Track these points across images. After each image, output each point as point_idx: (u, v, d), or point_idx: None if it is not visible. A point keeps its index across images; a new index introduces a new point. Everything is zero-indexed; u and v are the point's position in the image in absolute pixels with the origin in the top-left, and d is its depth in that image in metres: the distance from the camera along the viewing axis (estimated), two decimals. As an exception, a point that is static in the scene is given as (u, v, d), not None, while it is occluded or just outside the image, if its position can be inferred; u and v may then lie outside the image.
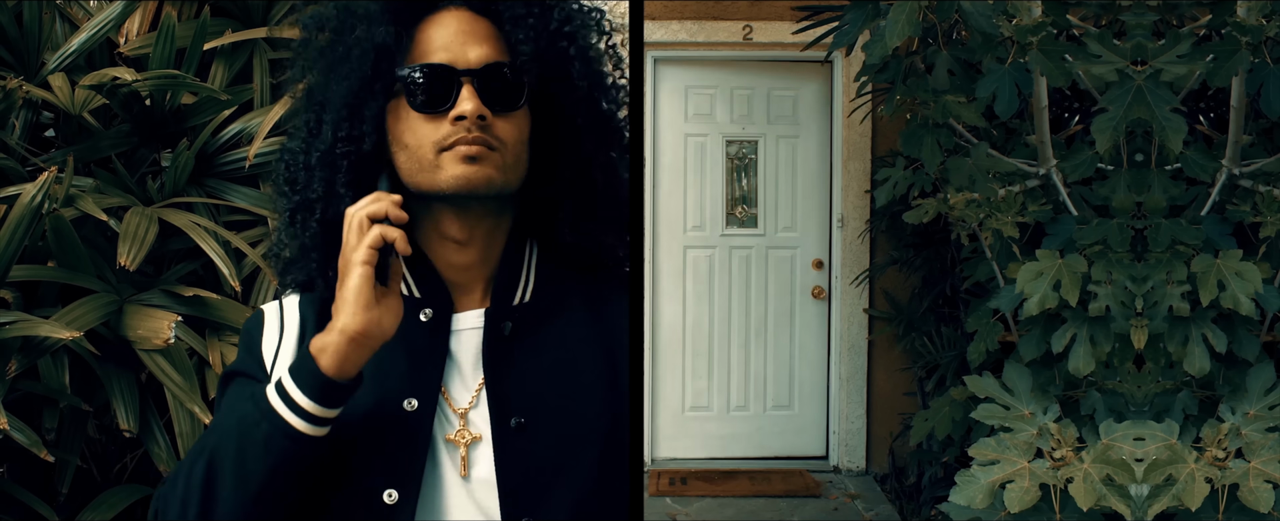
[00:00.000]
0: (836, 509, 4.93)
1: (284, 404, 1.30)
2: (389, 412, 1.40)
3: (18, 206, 2.43)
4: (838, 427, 5.53)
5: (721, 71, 5.62)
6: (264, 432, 1.30)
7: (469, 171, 1.37)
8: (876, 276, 5.35)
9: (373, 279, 1.31)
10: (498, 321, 1.44)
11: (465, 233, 1.44)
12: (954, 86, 2.89)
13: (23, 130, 2.82)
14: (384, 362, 1.40)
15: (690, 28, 5.39)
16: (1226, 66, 2.52)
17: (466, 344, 1.45)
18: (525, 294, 1.48)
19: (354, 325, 1.29)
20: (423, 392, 1.41)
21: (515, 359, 1.43)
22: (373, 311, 1.30)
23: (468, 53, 1.37)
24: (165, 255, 2.82)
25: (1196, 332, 2.61)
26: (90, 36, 2.85)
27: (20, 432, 2.37)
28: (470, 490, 1.39)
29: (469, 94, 1.36)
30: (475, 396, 1.42)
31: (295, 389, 1.30)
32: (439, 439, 1.40)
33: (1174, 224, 2.63)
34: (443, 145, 1.37)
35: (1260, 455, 2.49)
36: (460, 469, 1.39)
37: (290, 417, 1.30)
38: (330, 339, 1.30)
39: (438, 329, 1.44)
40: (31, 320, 2.41)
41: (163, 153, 2.94)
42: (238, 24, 3.07)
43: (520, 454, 1.39)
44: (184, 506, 1.33)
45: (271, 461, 1.29)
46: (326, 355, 1.29)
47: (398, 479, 1.37)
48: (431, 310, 1.45)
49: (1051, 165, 2.85)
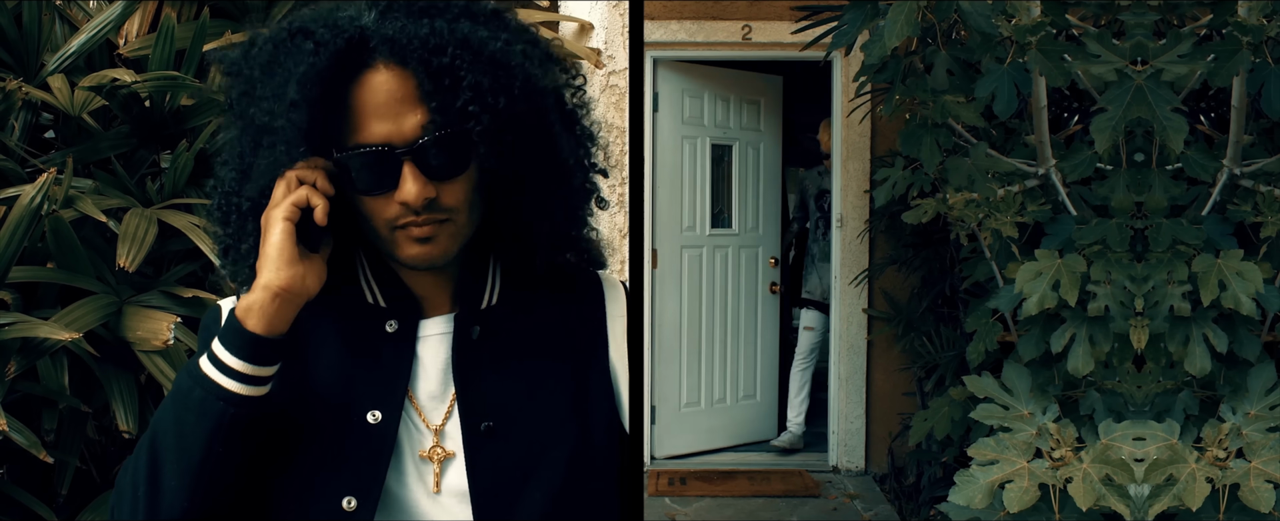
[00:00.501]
0: (836, 509, 4.93)
1: (216, 368, 1.29)
2: (352, 423, 1.37)
3: (17, 208, 2.43)
4: (837, 427, 5.54)
5: (708, 80, 5.78)
6: (197, 398, 1.28)
7: (424, 251, 1.34)
8: (876, 276, 5.35)
9: (294, 235, 1.29)
10: (467, 327, 1.42)
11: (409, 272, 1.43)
12: (953, 86, 2.89)
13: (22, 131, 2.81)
14: (348, 372, 1.39)
15: (689, 27, 5.39)
16: (1227, 66, 2.52)
17: (435, 350, 1.42)
18: (492, 298, 1.47)
19: (277, 281, 1.27)
20: (387, 404, 1.38)
21: (484, 362, 1.41)
22: (296, 267, 1.28)
23: (403, 124, 1.26)
24: (164, 256, 2.82)
25: (1197, 332, 2.61)
26: (90, 38, 2.85)
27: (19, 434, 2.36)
28: (440, 501, 1.37)
29: (411, 174, 1.27)
30: (449, 410, 1.40)
31: (224, 351, 1.29)
32: (408, 452, 1.39)
33: (1175, 224, 2.63)
34: (393, 224, 1.32)
35: (1261, 455, 2.49)
36: (433, 486, 1.38)
37: (223, 380, 1.28)
38: (254, 297, 1.28)
39: (404, 338, 1.42)
40: (31, 321, 2.41)
41: (162, 154, 2.94)
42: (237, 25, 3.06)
43: (491, 457, 1.38)
44: (134, 491, 1.31)
45: (207, 426, 1.28)
46: (253, 314, 1.28)
47: (358, 487, 1.35)
48: (396, 321, 1.42)
49: (1050, 165, 2.85)
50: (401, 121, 1.26)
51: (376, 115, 1.26)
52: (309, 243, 1.32)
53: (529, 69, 1.31)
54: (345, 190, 1.32)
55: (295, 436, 1.36)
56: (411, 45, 1.24)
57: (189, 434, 1.28)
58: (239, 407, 1.29)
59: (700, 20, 5.40)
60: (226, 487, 1.32)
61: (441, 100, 1.25)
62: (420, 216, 1.31)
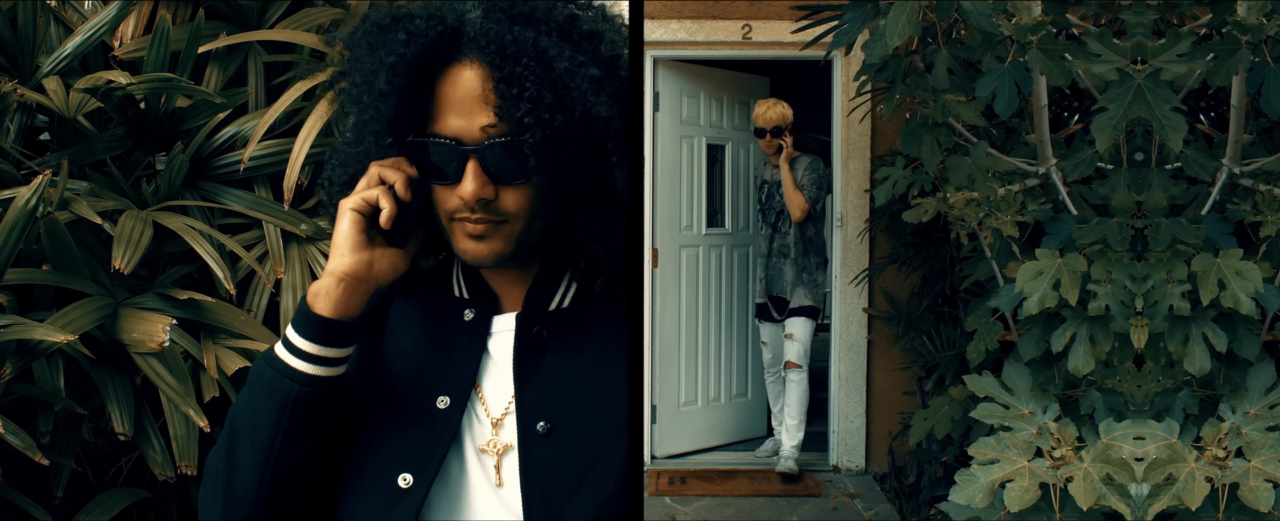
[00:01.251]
0: (836, 508, 4.92)
1: (288, 350, 1.36)
2: (421, 406, 1.44)
3: (12, 209, 2.43)
4: (837, 427, 5.53)
5: (703, 80, 5.79)
6: (268, 378, 1.36)
7: (477, 248, 1.40)
8: (876, 275, 5.35)
9: (362, 224, 1.36)
10: (530, 326, 1.47)
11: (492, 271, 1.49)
12: (953, 85, 2.89)
13: (17, 133, 2.81)
14: (424, 358, 1.46)
15: (689, 27, 5.38)
16: (1227, 65, 2.51)
17: (504, 346, 1.48)
18: (563, 301, 1.50)
19: (342, 266, 1.35)
20: (456, 390, 1.44)
21: (546, 364, 1.46)
22: (361, 254, 1.36)
23: (475, 122, 1.33)
24: (160, 258, 2.81)
25: (1197, 331, 2.61)
26: (85, 40, 2.84)
27: (15, 435, 2.36)
28: (500, 495, 1.42)
29: (473, 173, 1.34)
30: (509, 406, 1.44)
31: (295, 335, 1.36)
32: (469, 442, 1.43)
33: (1174, 223, 2.62)
34: (452, 216, 1.39)
35: (1260, 454, 2.48)
36: (496, 478, 1.42)
37: (292, 360, 1.36)
38: (322, 282, 1.36)
39: (478, 329, 1.48)
40: (26, 323, 2.40)
41: (157, 156, 2.93)
42: (232, 27, 3.06)
43: (545, 458, 1.41)
44: (215, 469, 1.39)
45: (276, 404, 1.35)
46: (320, 298, 1.35)
47: (415, 466, 1.40)
48: (474, 310, 1.49)
49: (1051, 164, 2.84)
50: (473, 119, 1.33)
51: (454, 109, 1.33)
52: (391, 236, 1.40)
53: (589, 95, 1.34)
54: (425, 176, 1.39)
55: (365, 415, 1.43)
56: (493, 47, 1.30)
57: (260, 411, 1.36)
58: (306, 385, 1.36)
59: (700, 20, 5.39)
60: (298, 464, 1.38)
61: (506, 106, 1.32)
62: (475, 214, 1.36)
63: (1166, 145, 2.52)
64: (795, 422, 5.40)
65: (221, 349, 2.66)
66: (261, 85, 3.02)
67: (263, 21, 3.09)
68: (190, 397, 2.55)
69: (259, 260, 2.76)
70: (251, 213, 2.84)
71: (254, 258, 2.75)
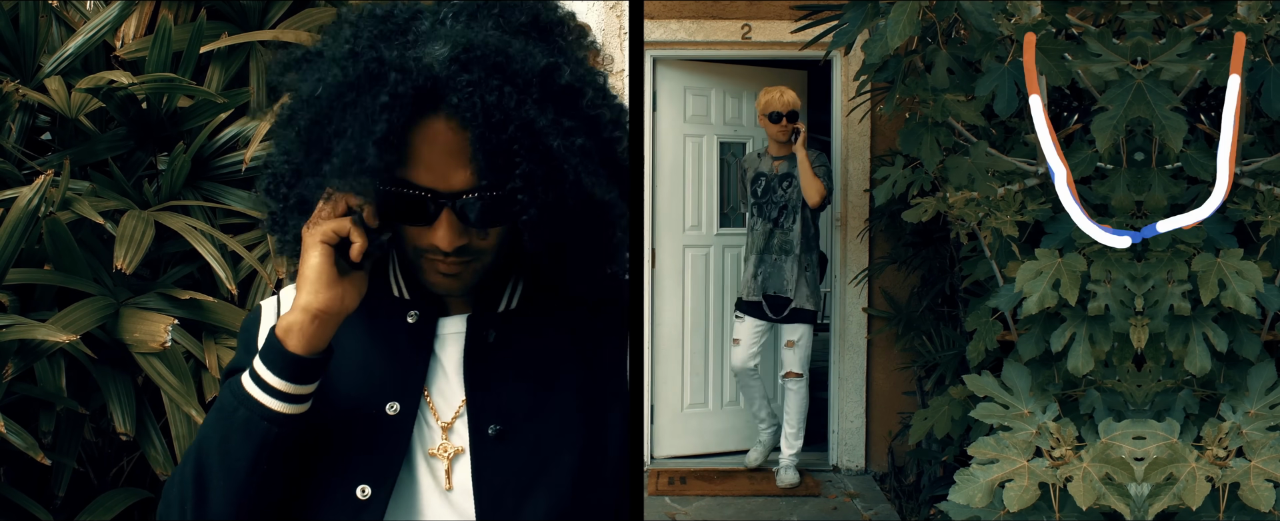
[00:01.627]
0: (836, 508, 4.92)
1: (258, 387, 1.32)
2: (371, 414, 1.40)
3: (14, 209, 2.43)
4: (837, 426, 5.53)
5: (716, 75, 5.70)
6: (242, 418, 1.32)
7: (448, 283, 1.38)
8: (875, 275, 5.35)
9: (333, 256, 1.32)
10: (480, 328, 1.45)
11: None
12: (953, 85, 2.89)
13: (19, 133, 2.81)
14: (369, 364, 1.42)
15: (689, 27, 5.39)
16: (1227, 65, 2.51)
17: (452, 349, 1.45)
18: (511, 302, 1.48)
19: (316, 303, 1.30)
20: (405, 396, 1.41)
21: (496, 366, 1.44)
22: (335, 289, 1.31)
23: (451, 177, 1.28)
24: (162, 258, 2.82)
25: (1197, 331, 2.61)
26: (87, 40, 2.84)
27: (17, 435, 2.36)
28: (453, 500, 1.40)
29: (447, 222, 1.30)
30: (459, 409, 1.42)
31: (267, 370, 1.32)
32: (419, 447, 1.41)
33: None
34: (423, 252, 1.35)
35: (1261, 454, 2.48)
36: (444, 482, 1.40)
37: (266, 399, 1.31)
38: (294, 318, 1.31)
39: (423, 332, 1.45)
40: (28, 323, 2.40)
41: (159, 156, 2.94)
42: (234, 27, 3.07)
43: (497, 461, 1.39)
44: (181, 507, 1.35)
45: (253, 445, 1.31)
46: (293, 335, 1.31)
47: (373, 477, 1.38)
48: (418, 312, 1.45)
49: (1051, 164, 2.84)
50: (449, 175, 1.28)
51: (427, 161, 1.27)
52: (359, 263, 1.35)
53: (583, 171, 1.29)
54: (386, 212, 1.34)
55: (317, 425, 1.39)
56: (475, 114, 1.23)
57: (235, 452, 1.32)
58: (283, 426, 1.32)
59: (699, 20, 5.39)
60: (271, 491, 1.35)
61: (493, 176, 1.27)
62: (448, 259, 1.34)
63: (1167, 145, 2.52)
64: (794, 431, 5.25)
65: (223, 349, 2.67)
66: (263, 85, 3.02)
67: (264, 21, 3.09)
68: (192, 397, 2.55)
69: (261, 260, 2.77)
70: (253, 213, 2.85)
71: (256, 258, 2.75)
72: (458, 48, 1.25)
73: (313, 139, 1.30)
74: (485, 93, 1.23)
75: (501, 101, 1.24)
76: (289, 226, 1.41)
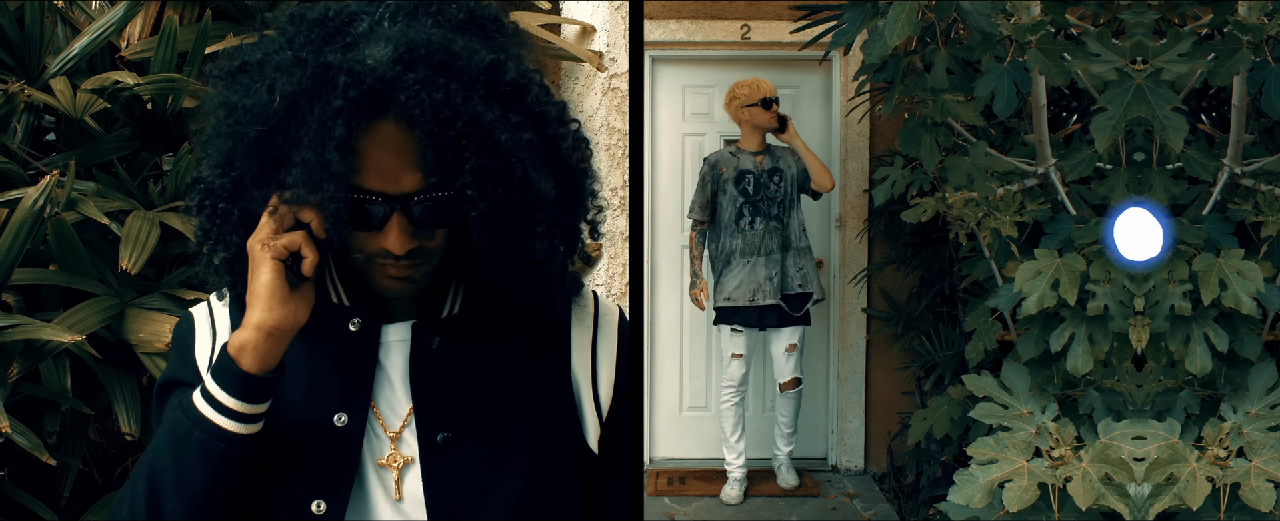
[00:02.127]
0: (835, 508, 4.93)
1: (213, 408, 1.29)
2: (318, 426, 1.38)
3: (20, 210, 2.43)
4: (836, 427, 5.54)
5: (719, 70, 5.62)
6: (198, 440, 1.29)
7: (398, 286, 1.35)
8: (874, 276, 5.36)
9: (284, 273, 1.29)
10: (425, 335, 1.43)
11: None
12: (952, 85, 2.90)
13: (24, 134, 2.81)
14: (313, 375, 1.39)
15: (688, 27, 5.39)
16: (1227, 65, 2.52)
17: (396, 357, 1.43)
18: (453, 307, 1.46)
19: (270, 320, 1.27)
20: (352, 407, 1.39)
21: (443, 373, 1.42)
22: (288, 305, 1.28)
23: (401, 180, 1.25)
24: (166, 259, 2.82)
25: (1198, 331, 2.62)
26: (92, 40, 2.85)
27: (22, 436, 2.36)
28: (403, 509, 1.38)
29: (398, 225, 1.28)
30: (407, 419, 1.40)
31: (221, 391, 1.29)
32: (369, 458, 1.39)
33: (1175, 223, 2.63)
34: (371, 257, 1.33)
35: (1262, 454, 2.49)
36: (394, 492, 1.38)
37: (221, 421, 1.28)
38: (247, 336, 1.28)
39: (366, 339, 1.42)
40: (33, 324, 2.41)
41: (164, 156, 2.94)
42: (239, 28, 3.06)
43: (447, 469, 1.38)
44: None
45: (211, 468, 1.28)
46: (247, 354, 1.28)
47: (326, 491, 1.36)
48: (360, 320, 1.42)
49: (1050, 164, 2.85)
50: (399, 178, 1.26)
51: (376, 165, 1.25)
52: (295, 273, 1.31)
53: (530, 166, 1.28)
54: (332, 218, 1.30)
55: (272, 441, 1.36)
56: (423, 112, 1.22)
57: (190, 475, 1.29)
58: (240, 448, 1.29)
59: (699, 20, 5.40)
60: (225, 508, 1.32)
61: (442, 174, 1.25)
62: (401, 263, 1.32)
63: (1167, 145, 2.54)
64: (791, 431, 5.11)
65: (227, 348, 2.67)
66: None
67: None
68: (196, 397, 2.55)
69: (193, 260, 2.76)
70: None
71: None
72: (401, 47, 1.23)
73: (263, 150, 1.27)
74: (432, 90, 1.21)
75: (449, 98, 1.22)
76: (227, 243, 1.35)
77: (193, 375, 1.43)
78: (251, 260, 1.29)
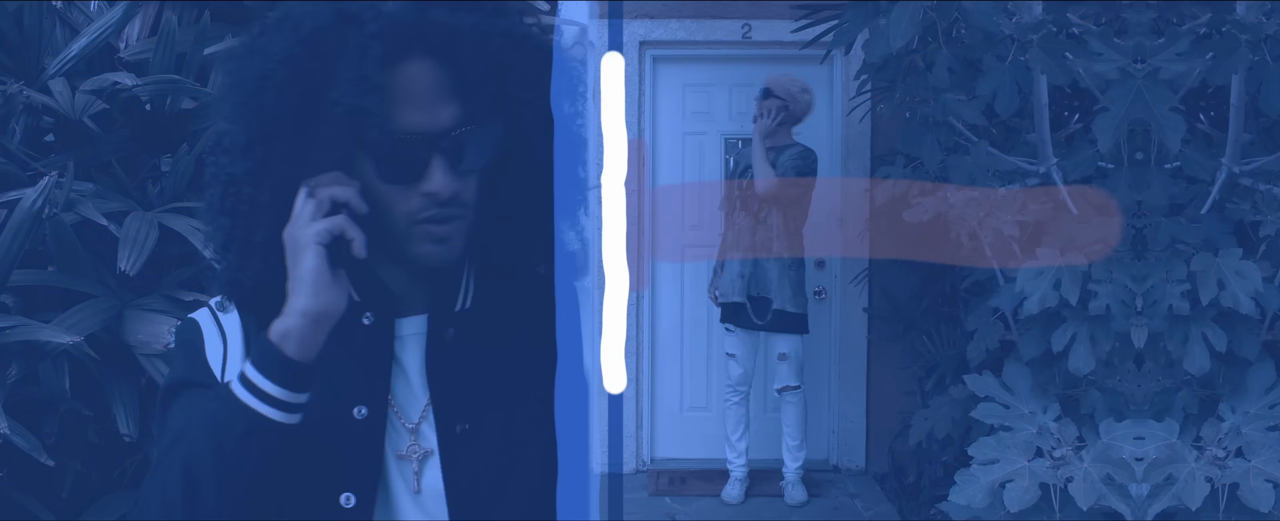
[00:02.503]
0: (836, 508, 4.93)
1: (257, 398, 1.28)
2: (340, 420, 1.38)
3: (18, 211, 2.43)
4: (837, 426, 5.53)
5: (720, 67, 5.61)
6: (241, 429, 1.28)
7: (439, 251, 1.34)
8: (875, 275, 5.35)
9: (328, 258, 1.28)
10: (441, 327, 1.43)
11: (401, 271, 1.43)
12: (954, 85, 2.90)
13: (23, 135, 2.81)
14: (330, 370, 1.37)
15: (689, 26, 5.39)
16: (1226, 65, 2.52)
17: (412, 350, 1.43)
18: (466, 300, 1.46)
19: (316, 306, 1.27)
20: (371, 399, 1.39)
21: (460, 364, 1.42)
22: (332, 290, 1.28)
23: (438, 114, 1.26)
24: (165, 260, 2.81)
25: (1196, 331, 2.62)
26: (90, 41, 2.84)
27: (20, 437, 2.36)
28: (422, 501, 1.39)
29: (440, 166, 1.28)
30: (425, 409, 1.41)
31: (264, 380, 1.28)
32: (389, 450, 1.39)
33: (1174, 222, 2.63)
34: (414, 218, 1.32)
35: (1260, 454, 2.49)
36: (414, 484, 1.39)
37: (265, 409, 1.28)
38: (292, 322, 1.27)
39: (380, 333, 1.42)
40: (31, 325, 2.41)
41: (163, 157, 2.94)
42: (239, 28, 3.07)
43: (467, 459, 1.39)
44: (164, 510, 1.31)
45: (254, 456, 1.28)
46: (291, 340, 1.27)
47: (354, 483, 1.37)
48: (373, 314, 1.42)
49: (1051, 163, 2.85)
50: (437, 111, 1.27)
51: (411, 104, 1.26)
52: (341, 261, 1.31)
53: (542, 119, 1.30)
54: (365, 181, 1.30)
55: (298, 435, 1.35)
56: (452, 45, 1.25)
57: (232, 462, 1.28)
58: (282, 436, 1.29)
59: (700, 19, 5.39)
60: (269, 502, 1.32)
61: (477, 93, 1.27)
62: (446, 210, 1.31)
63: (1165, 144, 2.53)
64: (797, 443, 5.02)
65: (226, 349, 2.67)
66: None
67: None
68: (195, 398, 2.55)
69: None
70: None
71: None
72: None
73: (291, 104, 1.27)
74: (458, 18, 1.25)
75: (476, 24, 1.26)
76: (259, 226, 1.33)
77: (205, 376, 1.42)
78: (293, 247, 1.29)
